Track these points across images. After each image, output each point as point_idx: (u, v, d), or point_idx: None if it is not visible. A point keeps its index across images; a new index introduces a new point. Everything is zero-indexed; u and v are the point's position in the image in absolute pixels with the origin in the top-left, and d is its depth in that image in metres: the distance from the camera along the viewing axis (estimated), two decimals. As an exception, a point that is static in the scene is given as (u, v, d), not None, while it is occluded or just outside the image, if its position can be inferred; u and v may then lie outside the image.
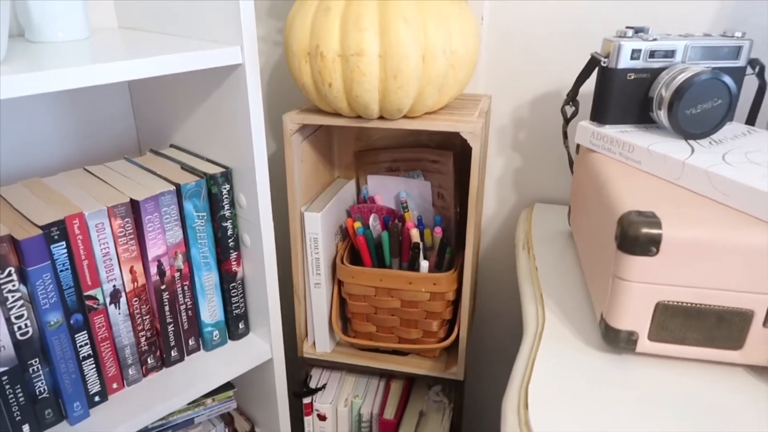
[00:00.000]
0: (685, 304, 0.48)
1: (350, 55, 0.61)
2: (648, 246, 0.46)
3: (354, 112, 0.67)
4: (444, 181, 0.82)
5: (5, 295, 0.57)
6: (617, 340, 0.50)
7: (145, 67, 0.58)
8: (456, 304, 0.80)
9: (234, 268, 0.76)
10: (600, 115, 0.64)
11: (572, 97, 0.68)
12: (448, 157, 0.80)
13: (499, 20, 0.81)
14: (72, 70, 0.52)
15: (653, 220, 0.46)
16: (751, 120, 0.67)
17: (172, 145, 0.84)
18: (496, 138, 0.88)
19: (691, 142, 0.59)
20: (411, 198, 0.86)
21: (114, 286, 0.66)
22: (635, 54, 0.60)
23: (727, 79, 0.57)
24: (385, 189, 0.88)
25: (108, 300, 0.66)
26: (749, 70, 0.63)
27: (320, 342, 0.85)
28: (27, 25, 0.68)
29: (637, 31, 0.62)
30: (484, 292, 0.99)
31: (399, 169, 0.87)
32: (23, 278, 0.58)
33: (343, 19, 0.61)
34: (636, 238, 0.46)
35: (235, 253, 0.76)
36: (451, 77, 0.66)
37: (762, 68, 0.63)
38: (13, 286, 0.57)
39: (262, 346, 0.78)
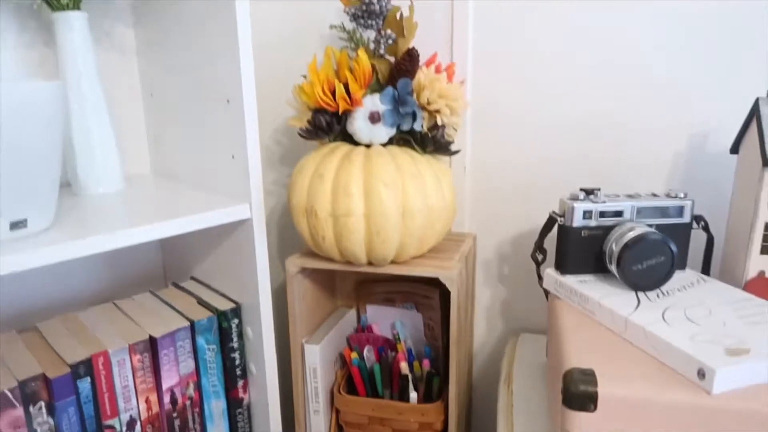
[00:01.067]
0: (625, 454, 0.53)
1: (339, 216, 0.71)
2: (587, 403, 0.52)
3: (345, 259, 0.77)
4: (433, 314, 0.90)
5: (35, 427, 0.65)
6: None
7: (169, 228, 0.68)
8: (445, 432, 0.85)
9: (241, 395, 0.83)
10: (562, 265, 0.71)
11: (539, 246, 0.77)
12: (435, 293, 0.88)
13: (478, 169, 0.91)
14: (110, 237, 0.63)
15: (591, 378, 0.53)
16: (705, 268, 0.74)
17: (192, 278, 0.94)
18: (483, 271, 0.96)
19: (641, 294, 0.66)
20: (405, 327, 0.94)
21: (131, 415, 0.74)
22: (587, 214, 0.69)
23: (667, 240, 0.65)
24: (382, 318, 0.96)
25: (125, 428, 0.73)
26: (696, 225, 0.71)
27: (318, 466, 0.90)
28: (73, 180, 0.81)
29: (589, 192, 0.71)
30: (479, 420, 1.02)
31: (395, 300, 0.95)
32: (51, 411, 0.66)
33: (334, 185, 0.72)
34: (576, 394, 0.52)
35: (242, 380, 0.83)
36: (429, 229, 0.75)
37: (706, 224, 0.71)
38: (42, 419, 0.65)
39: (263, 470, 0.83)
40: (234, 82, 0.73)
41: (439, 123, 0.75)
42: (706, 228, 0.71)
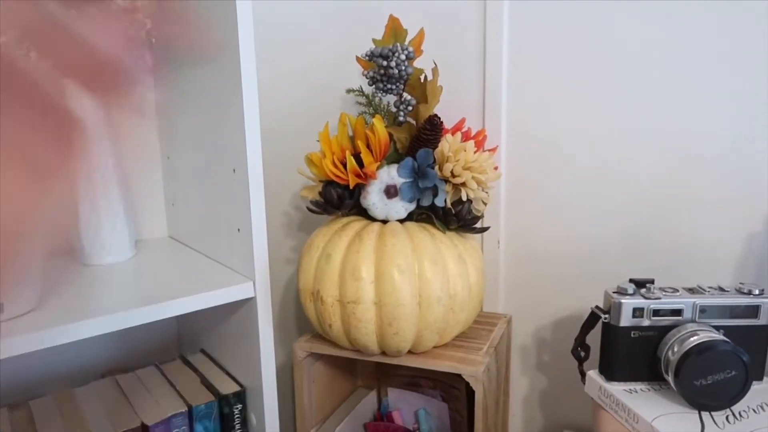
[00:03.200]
0: None
1: (347, 302, 0.63)
2: None
3: (355, 348, 0.68)
4: (459, 406, 0.79)
5: None
6: None
7: (166, 309, 0.63)
8: None
9: (241, 489, 0.75)
10: (606, 369, 0.60)
11: (580, 343, 0.65)
12: (461, 383, 0.77)
13: (514, 244, 0.82)
14: (112, 317, 0.58)
15: None
16: (789, 379, 0.60)
17: (202, 350, 0.88)
18: (519, 357, 0.85)
19: (706, 415, 0.54)
20: (430, 418, 0.83)
21: None
22: (637, 312, 0.58)
23: (739, 350, 0.53)
24: (405, 403, 0.86)
25: None
26: (775, 327, 0.58)
27: None
28: (78, 250, 0.77)
29: (641, 285, 0.60)
30: None
31: (420, 384, 0.85)
32: None
33: (342, 268, 0.64)
34: None
35: (244, 473, 0.75)
36: (451, 319, 0.66)
37: (789, 327, 0.58)
38: None
39: None
40: (239, 150, 0.67)
41: (465, 198, 0.66)
42: (788, 332, 0.58)
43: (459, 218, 0.68)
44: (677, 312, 0.58)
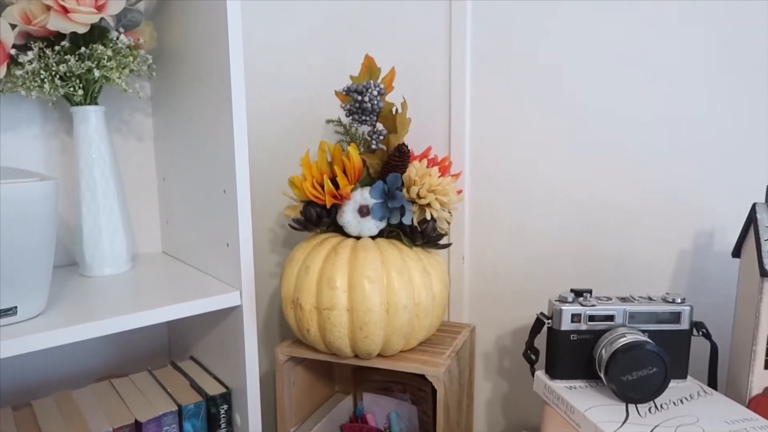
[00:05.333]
0: None
1: (323, 309, 0.71)
2: None
3: (331, 351, 0.76)
4: (426, 407, 0.86)
5: None
6: None
7: (159, 315, 0.70)
8: None
9: (226, 483, 0.82)
10: (550, 369, 0.68)
11: (530, 347, 0.74)
12: (427, 386, 0.85)
13: (478, 260, 0.90)
14: (110, 321, 0.65)
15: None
16: (711, 379, 0.69)
17: (191, 357, 0.95)
18: (482, 363, 0.93)
19: (632, 406, 0.62)
20: (401, 420, 0.90)
21: (108, 502, 0.73)
22: (575, 318, 0.66)
23: (659, 350, 0.61)
24: (378, 406, 0.93)
25: None
26: (696, 332, 0.67)
27: None
28: (80, 262, 0.84)
29: (579, 293, 0.68)
30: None
31: (392, 389, 0.93)
32: (26, 498, 0.66)
33: (319, 278, 0.72)
34: None
35: (229, 468, 0.82)
36: (416, 325, 0.74)
37: (707, 332, 0.67)
38: (15, 506, 0.65)
39: None
40: (229, 172, 0.75)
41: (429, 217, 0.75)
42: (707, 336, 0.67)
43: (424, 235, 0.76)
44: (610, 317, 0.66)
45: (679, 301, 0.67)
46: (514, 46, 0.83)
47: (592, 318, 0.66)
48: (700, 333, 0.67)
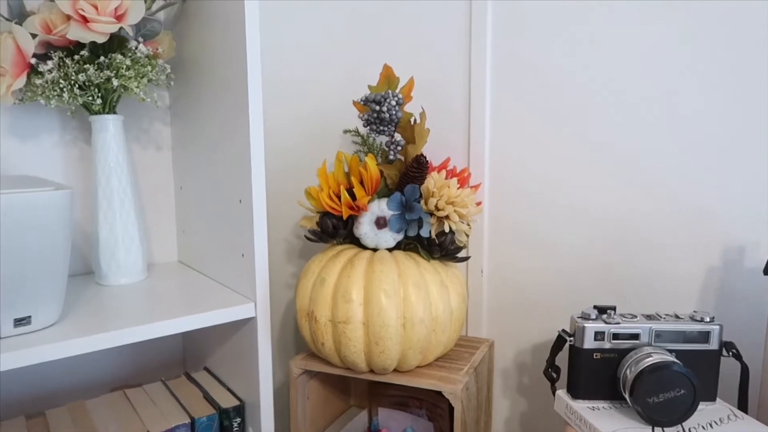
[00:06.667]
0: None
1: (338, 322, 0.70)
2: None
3: (345, 366, 0.74)
4: (443, 425, 0.84)
5: None
6: None
7: (180, 324, 0.69)
8: None
9: (238, 497, 0.80)
10: (572, 388, 0.66)
11: (551, 364, 0.71)
12: (444, 403, 0.83)
13: (497, 273, 0.88)
14: (123, 332, 0.64)
15: None
16: (742, 402, 0.66)
17: (205, 368, 0.94)
18: (501, 380, 0.90)
19: (657, 430, 0.59)
20: (416, 436, 0.88)
21: None
22: (599, 336, 0.64)
23: (687, 372, 0.59)
24: (394, 422, 0.91)
25: None
26: (725, 352, 0.64)
27: None
28: (96, 271, 0.84)
29: (602, 310, 0.66)
30: None
31: (408, 404, 0.91)
32: None
33: (335, 291, 0.71)
34: None
35: (241, 482, 0.80)
36: (433, 340, 0.72)
37: (737, 352, 0.64)
38: None
39: None
40: (245, 182, 0.75)
41: (447, 229, 0.73)
42: (737, 356, 0.64)
43: (442, 248, 0.74)
44: (635, 336, 0.64)
45: (707, 320, 0.64)
46: (536, 54, 0.82)
47: (616, 336, 0.64)
48: (730, 353, 0.64)
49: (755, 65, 0.69)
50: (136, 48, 0.78)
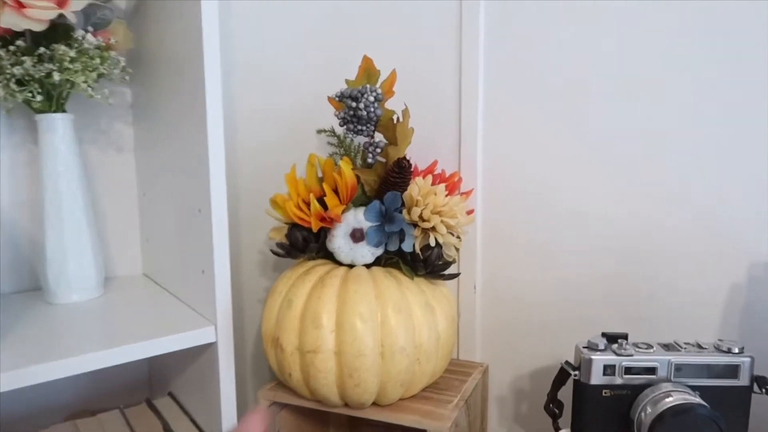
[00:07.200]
0: None
1: (307, 351, 0.60)
2: None
3: (316, 399, 0.65)
4: (432, 461, 0.75)
5: None
6: None
7: (128, 352, 0.61)
8: None
9: None
10: (578, 429, 0.57)
11: (552, 399, 0.62)
12: (433, 437, 0.74)
13: (491, 289, 0.79)
14: (66, 362, 0.56)
15: None
16: (774, 443, 0.56)
17: (170, 393, 0.85)
18: (496, 408, 0.81)
19: (680, 485, 0.50)
20: (402, 471, 0.79)
21: None
22: (609, 370, 0.55)
23: (715, 415, 0.49)
24: (378, 455, 0.82)
25: None
26: (757, 388, 0.55)
27: None
28: (44, 287, 0.75)
29: (612, 339, 0.57)
30: None
31: (393, 434, 0.81)
32: None
33: (303, 315, 0.61)
34: None
35: None
36: (417, 370, 0.63)
37: (771, 389, 0.54)
38: None
39: None
40: (203, 189, 0.66)
41: (433, 243, 0.64)
42: (771, 394, 0.55)
43: (427, 264, 0.65)
44: (651, 370, 0.55)
45: (736, 350, 0.55)
46: (534, 46, 0.72)
47: (629, 370, 0.55)
48: (763, 390, 0.55)
49: (789, 53, 0.59)
50: (83, 38, 0.69)
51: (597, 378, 0.55)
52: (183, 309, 0.73)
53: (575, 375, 0.56)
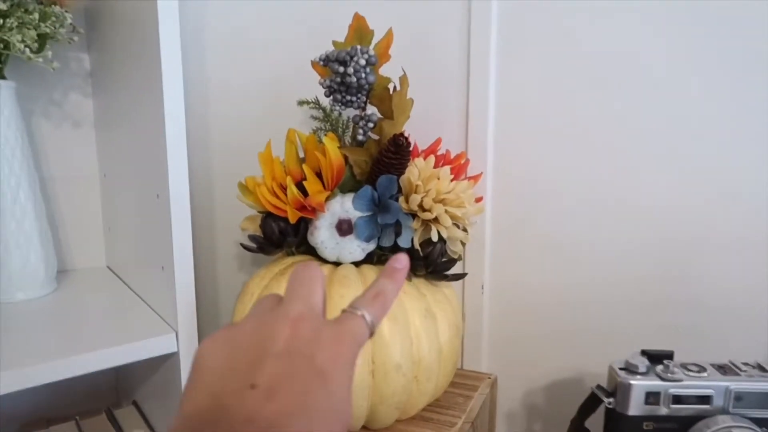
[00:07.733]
0: None
1: (281, 368, 0.50)
2: None
3: (297, 422, 0.55)
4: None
5: None
6: None
7: (71, 367, 0.52)
8: None
9: None
10: (610, 469, 0.46)
11: (577, 429, 0.51)
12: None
13: (502, 290, 0.68)
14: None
15: None
16: None
17: (134, 402, 0.76)
18: (505, 426, 0.71)
19: None
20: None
21: None
22: (651, 398, 0.44)
23: (790, 462, 0.39)
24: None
25: None
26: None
27: None
28: (-12, 284, 0.65)
29: (655, 359, 0.46)
30: None
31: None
32: None
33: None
34: None
35: None
36: (415, 390, 0.52)
37: None
38: None
39: None
40: (161, 172, 0.55)
41: (435, 238, 0.53)
42: None
43: (429, 263, 0.54)
44: (705, 399, 0.44)
45: (809, 375, 0.44)
46: (553, 14, 0.61)
47: (677, 399, 0.44)
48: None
49: None
50: (18, -12, 0.58)
51: (637, 408, 0.44)
52: (143, 311, 0.63)
53: (609, 403, 0.46)
